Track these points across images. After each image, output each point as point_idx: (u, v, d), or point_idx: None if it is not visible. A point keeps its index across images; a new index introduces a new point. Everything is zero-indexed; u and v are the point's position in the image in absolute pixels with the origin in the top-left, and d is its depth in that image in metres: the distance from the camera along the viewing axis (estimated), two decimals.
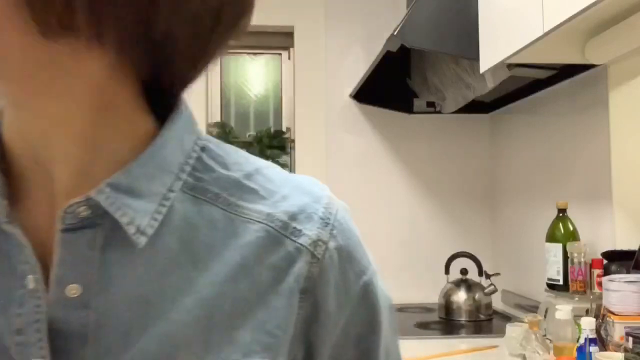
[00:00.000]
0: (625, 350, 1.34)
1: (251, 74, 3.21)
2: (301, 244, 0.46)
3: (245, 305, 0.43)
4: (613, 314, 1.44)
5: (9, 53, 0.37)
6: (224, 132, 3.05)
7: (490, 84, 1.99)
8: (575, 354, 1.44)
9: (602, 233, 1.85)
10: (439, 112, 2.75)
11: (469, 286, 2.33)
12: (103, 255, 0.42)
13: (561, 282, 1.87)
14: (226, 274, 0.43)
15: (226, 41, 0.46)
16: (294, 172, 2.98)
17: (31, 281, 0.41)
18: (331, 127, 2.88)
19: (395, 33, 1.88)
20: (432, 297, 2.43)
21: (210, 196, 0.45)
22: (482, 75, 1.90)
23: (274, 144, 2.99)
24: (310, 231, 0.46)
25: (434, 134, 2.95)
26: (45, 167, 0.43)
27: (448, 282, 2.39)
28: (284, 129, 3.03)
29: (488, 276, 2.38)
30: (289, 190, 0.48)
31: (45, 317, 0.40)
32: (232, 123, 3.13)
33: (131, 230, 0.41)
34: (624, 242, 1.72)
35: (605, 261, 1.71)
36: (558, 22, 1.34)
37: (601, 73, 1.84)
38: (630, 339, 1.34)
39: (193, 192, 0.45)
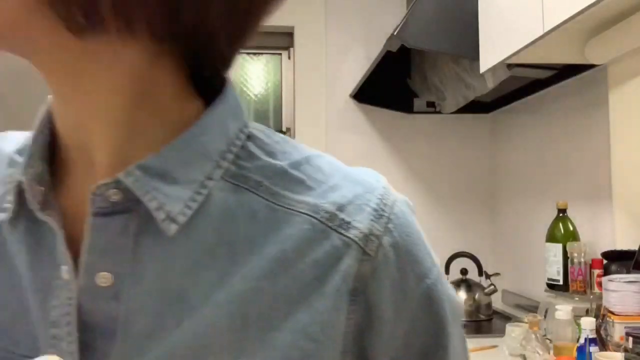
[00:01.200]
0: (625, 350, 1.34)
1: (251, 74, 3.21)
2: (350, 238, 0.40)
3: (284, 304, 0.39)
4: (613, 314, 1.44)
5: (42, 50, 0.37)
6: None
7: (490, 84, 1.99)
8: (575, 354, 1.44)
9: (602, 233, 1.85)
10: (439, 112, 2.75)
11: (469, 286, 2.33)
12: (136, 244, 0.39)
13: (561, 282, 1.87)
14: (264, 269, 0.39)
15: (261, 14, 0.43)
16: None
17: (66, 271, 0.39)
18: (331, 127, 2.88)
19: (395, 33, 1.88)
20: None
21: (251, 184, 0.41)
22: (482, 75, 1.90)
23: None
24: (360, 224, 0.41)
25: (434, 134, 2.95)
26: (87, 153, 0.41)
27: (448, 282, 2.39)
28: (284, 129, 3.03)
29: (488, 276, 2.38)
30: (339, 180, 0.43)
31: (75, 309, 0.38)
32: None
33: (160, 216, 0.38)
34: (624, 242, 1.72)
35: (605, 261, 1.71)
36: (558, 22, 1.34)
37: (601, 73, 1.84)
38: (630, 339, 1.34)
39: (234, 181, 0.41)
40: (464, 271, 2.37)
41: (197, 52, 0.41)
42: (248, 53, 3.18)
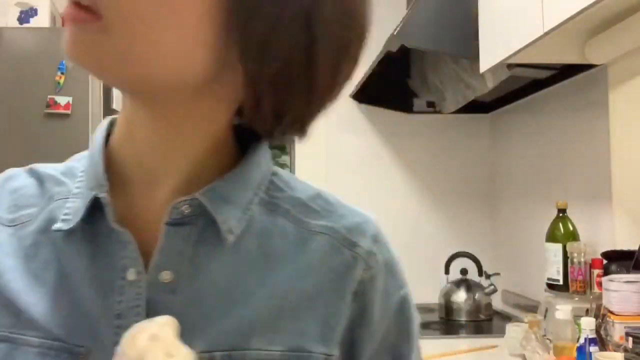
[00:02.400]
0: (625, 350, 1.34)
1: None
2: (358, 254, 0.53)
3: (310, 300, 0.51)
4: (613, 314, 1.44)
5: (191, 69, 0.46)
6: None
7: (490, 84, 1.99)
8: (575, 354, 1.44)
9: (602, 233, 1.85)
10: (439, 112, 2.75)
11: (469, 286, 2.33)
12: (195, 248, 0.49)
13: (561, 282, 1.87)
14: (295, 274, 0.51)
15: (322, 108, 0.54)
16: (294, 172, 2.98)
17: (132, 273, 0.48)
18: (331, 127, 2.88)
19: (395, 33, 1.88)
20: (432, 297, 2.43)
21: (282, 211, 0.54)
22: (482, 75, 1.90)
23: (274, 144, 2.98)
24: (364, 244, 0.54)
25: (434, 134, 2.95)
26: (152, 175, 0.51)
27: (448, 282, 2.39)
28: None
29: (488, 276, 2.38)
30: (345, 211, 0.56)
31: (145, 302, 0.47)
32: None
33: (224, 227, 0.49)
34: (624, 242, 1.72)
35: (605, 261, 1.71)
36: (558, 22, 1.34)
37: (601, 73, 1.84)
38: (630, 339, 1.34)
39: (268, 207, 0.53)
40: (464, 271, 2.37)
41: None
42: None
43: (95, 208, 0.49)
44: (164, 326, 0.43)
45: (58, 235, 0.50)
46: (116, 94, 2.32)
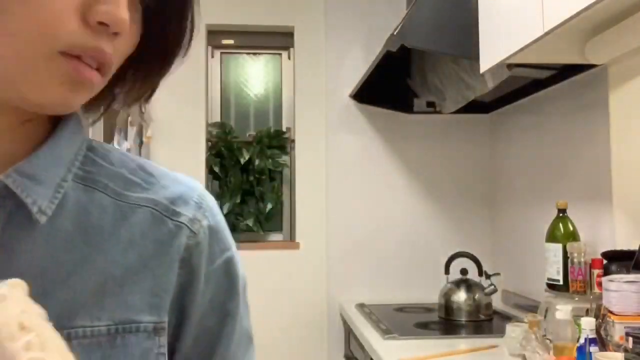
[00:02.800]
0: (625, 350, 1.34)
1: (251, 74, 3.20)
2: (181, 222, 0.56)
3: (136, 273, 0.52)
4: (613, 314, 1.44)
5: None
6: (223, 132, 3.05)
7: (490, 84, 1.99)
8: (575, 354, 1.44)
9: (602, 233, 1.85)
10: (439, 112, 2.75)
11: (469, 286, 2.32)
12: (5, 232, 0.48)
13: (561, 282, 1.87)
14: (117, 248, 0.52)
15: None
16: (294, 172, 2.97)
17: None
18: (331, 127, 2.88)
19: (395, 33, 1.88)
20: (432, 297, 2.43)
21: (100, 186, 0.54)
22: (482, 75, 1.90)
23: (274, 144, 2.99)
24: (187, 212, 0.57)
25: (434, 134, 2.95)
26: None
27: (448, 282, 2.39)
28: (284, 129, 3.03)
29: (488, 276, 2.38)
30: (168, 182, 0.58)
31: None
32: (232, 123, 3.13)
33: (34, 209, 0.48)
34: (624, 242, 1.72)
35: (605, 261, 1.71)
36: (558, 22, 1.34)
37: (601, 73, 1.84)
38: (630, 339, 1.34)
39: (84, 182, 0.53)
40: (464, 271, 2.37)
41: None
42: (248, 53, 3.18)
43: None
44: (13, 287, 0.42)
45: None
46: None
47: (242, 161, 3.03)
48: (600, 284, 1.61)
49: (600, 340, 1.42)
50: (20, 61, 0.45)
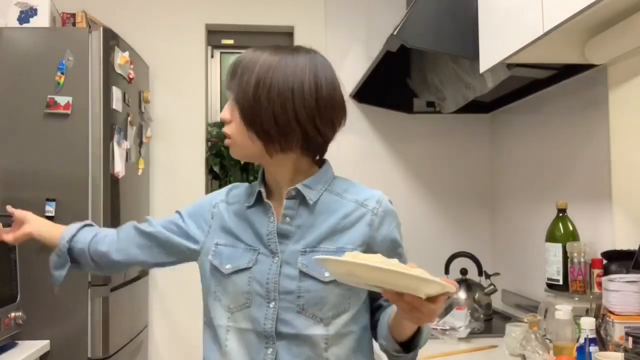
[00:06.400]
0: (625, 350, 1.34)
1: None
2: (369, 208, 1.14)
3: (344, 232, 1.12)
4: (613, 314, 1.44)
5: (265, 161, 1.16)
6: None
7: (490, 84, 1.99)
8: (575, 354, 1.44)
9: (602, 233, 1.85)
10: (439, 112, 2.75)
11: (469, 286, 2.32)
12: (297, 208, 1.14)
13: (561, 282, 1.87)
14: (339, 218, 1.13)
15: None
16: None
17: (272, 219, 1.14)
18: None
19: (395, 33, 1.88)
20: None
21: (334, 193, 1.16)
22: (482, 75, 1.90)
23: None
24: (370, 204, 1.14)
25: (434, 134, 2.95)
26: (278, 183, 1.17)
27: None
28: None
29: (488, 276, 2.38)
30: (363, 191, 1.17)
31: (276, 229, 1.13)
32: None
33: (308, 198, 1.14)
34: (624, 242, 1.72)
35: (605, 261, 1.71)
36: (558, 22, 1.34)
37: (601, 73, 1.84)
38: (630, 339, 1.34)
39: (329, 191, 1.16)
40: (464, 271, 2.37)
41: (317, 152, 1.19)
42: None
43: (260, 196, 1.16)
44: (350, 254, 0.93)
45: (246, 207, 1.18)
46: (116, 95, 2.32)
47: (242, 161, 3.03)
48: (600, 284, 1.61)
49: (600, 340, 1.42)
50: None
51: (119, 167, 2.33)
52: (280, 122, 1.06)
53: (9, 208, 1.36)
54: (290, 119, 1.06)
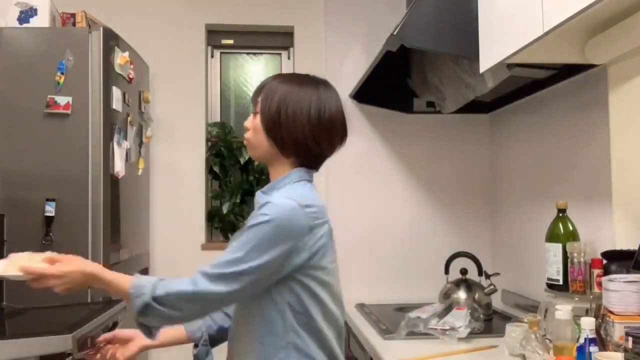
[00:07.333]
0: (625, 350, 1.34)
1: (251, 74, 3.21)
2: (261, 204, 1.36)
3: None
4: (613, 314, 1.44)
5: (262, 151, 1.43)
6: (223, 132, 3.05)
7: (490, 84, 1.99)
8: (575, 354, 1.44)
9: (602, 233, 1.85)
10: (439, 112, 2.75)
11: (469, 286, 2.32)
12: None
13: (561, 282, 1.87)
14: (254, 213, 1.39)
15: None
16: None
17: None
18: None
19: (395, 33, 1.88)
20: (432, 297, 2.43)
21: (268, 194, 1.40)
22: (482, 75, 1.90)
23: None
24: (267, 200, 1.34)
25: (434, 134, 2.95)
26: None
27: (448, 282, 2.39)
28: None
29: (488, 276, 2.38)
30: (275, 197, 1.35)
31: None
32: (232, 123, 3.13)
33: (256, 202, 1.42)
34: (624, 242, 1.72)
35: (605, 261, 1.71)
36: (558, 22, 1.34)
37: (601, 73, 1.84)
38: (630, 339, 1.34)
39: (264, 192, 1.43)
40: (464, 271, 2.37)
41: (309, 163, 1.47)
42: (248, 53, 3.18)
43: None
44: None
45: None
46: (116, 95, 2.32)
47: (242, 161, 3.03)
48: (600, 284, 1.61)
49: (600, 340, 1.42)
50: None
51: (119, 167, 2.33)
52: (292, 133, 1.39)
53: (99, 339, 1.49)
54: (299, 132, 1.39)
